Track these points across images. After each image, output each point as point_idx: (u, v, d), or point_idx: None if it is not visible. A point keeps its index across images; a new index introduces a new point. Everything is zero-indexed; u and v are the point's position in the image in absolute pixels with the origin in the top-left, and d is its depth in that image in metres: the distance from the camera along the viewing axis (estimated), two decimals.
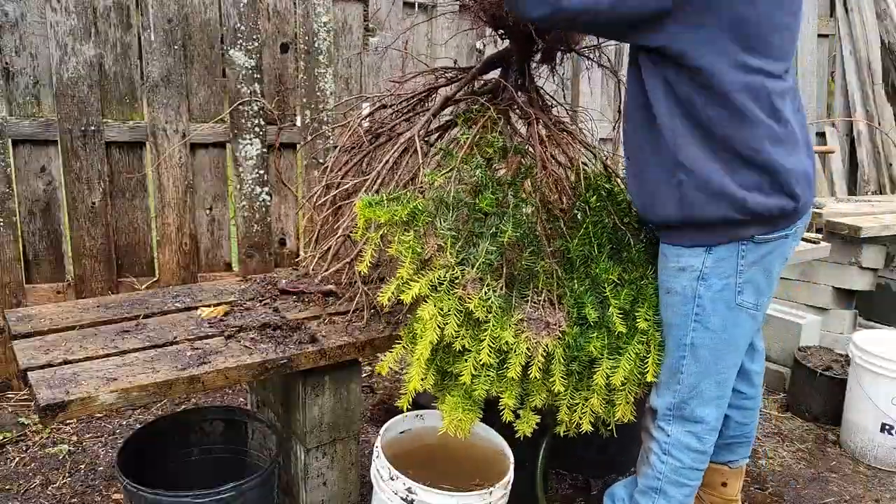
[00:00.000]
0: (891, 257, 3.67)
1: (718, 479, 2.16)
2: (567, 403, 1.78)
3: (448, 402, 1.77)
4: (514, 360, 1.65)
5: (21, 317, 2.01)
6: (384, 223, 1.70)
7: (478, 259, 1.68)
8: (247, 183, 3.08)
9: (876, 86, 4.79)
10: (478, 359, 1.66)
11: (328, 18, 3.15)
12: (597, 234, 1.87)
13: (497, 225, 1.74)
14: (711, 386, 1.81)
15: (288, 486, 2.18)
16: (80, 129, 2.79)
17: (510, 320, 1.67)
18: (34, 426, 2.66)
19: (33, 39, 2.72)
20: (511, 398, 1.71)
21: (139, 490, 1.77)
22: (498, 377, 1.70)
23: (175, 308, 2.13)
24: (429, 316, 1.63)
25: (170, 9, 2.86)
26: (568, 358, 1.74)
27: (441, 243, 1.69)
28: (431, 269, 1.68)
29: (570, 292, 1.79)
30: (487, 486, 1.80)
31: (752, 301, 1.75)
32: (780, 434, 3.02)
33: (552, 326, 1.68)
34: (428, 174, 1.84)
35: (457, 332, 1.65)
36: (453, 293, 1.65)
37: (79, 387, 1.63)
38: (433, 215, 1.73)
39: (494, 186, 1.81)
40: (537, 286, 1.76)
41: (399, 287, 1.67)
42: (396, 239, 1.69)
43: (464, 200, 1.77)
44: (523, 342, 1.65)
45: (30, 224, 2.83)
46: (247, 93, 3.02)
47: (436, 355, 1.74)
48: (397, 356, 1.78)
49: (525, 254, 1.79)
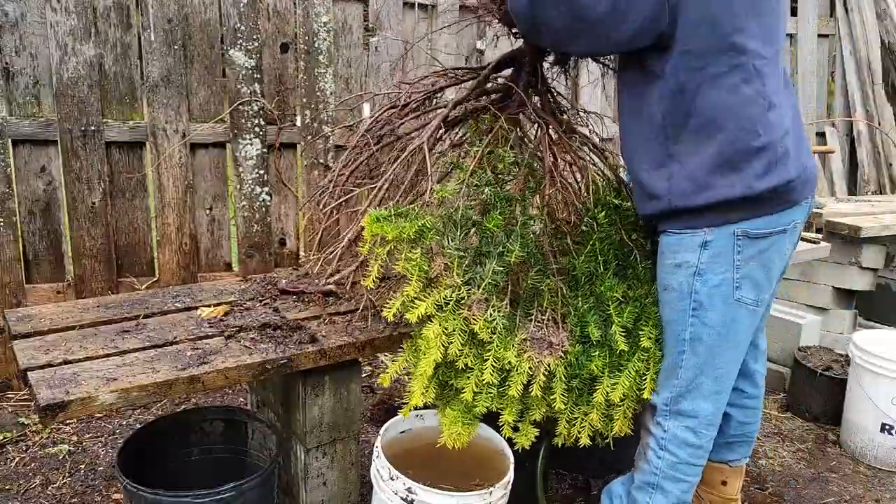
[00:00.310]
0: (891, 257, 3.67)
1: (718, 478, 2.16)
2: (566, 418, 1.78)
3: (448, 415, 1.78)
4: (516, 378, 1.66)
5: (21, 317, 2.01)
6: (391, 240, 1.69)
7: (484, 279, 1.68)
8: (247, 183, 3.08)
9: (876, 86, 4.79)
10: (480, 377, 1.67)
11: (328, 18, 3.15)
12: (603, 250, 1.86)
13: (504, 244, 1.74)
14: (709, 381, 1.81)
15: (288, 486, 2.18)
16: (80, 129, 2.79)
17: (513, 340, 1.68)
18: (34, 426, 2.66)
19: (33, 39, 2.72)
20: (511, 415, 1.73)
21: (139, 490, 1.77)
22: (499, 394, 1.71)
23: (175, 308, 2.13)
24: (433, 335, 1.64)
25: (170, 9, 2.86)
26: (569, 376, 1.74)
27: (448, 262, 1.69)
28: (438, 289, 1.68)
29: (574, 311, 1.79)
30: (487, 486, 1.80)
31: (751, 297, 1.75)
32: (780, 434, 3.02)
33: (555, 346, 1.68)
34: (437, 190, 1.83)
35: (460, 351, 1.67)
36: (458, 313, 1.66)
37: (79, 387, 1.63)
38: (441, 233, 1.73)
39: (503, 205, 1.80)
40: (542, 305, 1.77)
41: (405, 305, 1.67)
42: (404, 256, 1.69)
43: (472, 219, 1.77)
44: (526, 362, 1.66)
45: (30, 224, 2.83)
46: (247, 93, 3.02)
47: (438, 370, 1.75)
48: (400, 368, 1.78)
49: (531, 273, 1.79)
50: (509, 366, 1.66)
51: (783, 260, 1.81)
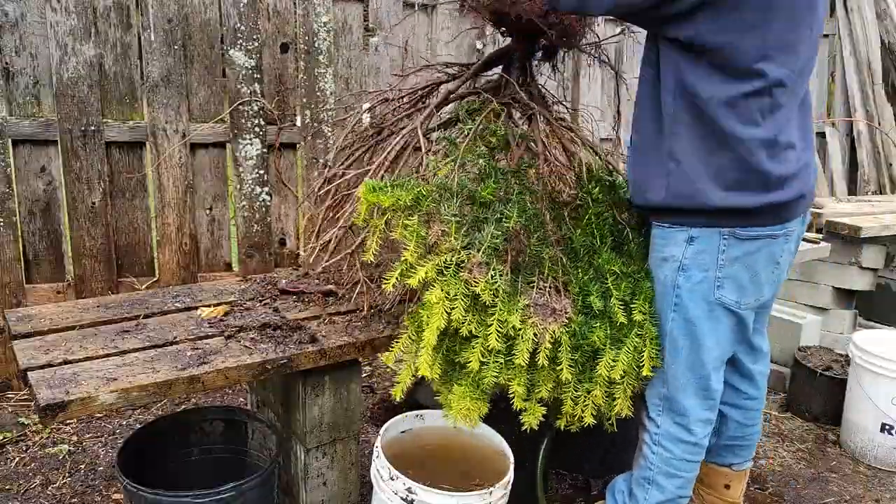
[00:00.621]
0: (891, 257, 3.67)
1: (721, 482, 2.15)
2: (571, 395, 1.78)
3: (456, 391, 1.76)
4: (522, 346, 1.65)
5: (21, 317, 2.01)
6: (388, 208, 1.69)
7: (483, 243, 1.68)
8: (247, 183, 3.08)
9: (876, 86, 4.79)
10: (485, 344, 1.66)
11: (328, 18, 3.15)
12: (599, 225, 1.88)
13: (502, 211, 1.74)
14: (694, 378, 1.81)
15: (288, 486, 2.18)
16: (80, 129, 2.79)
17: (517, 305, 1.67)
18: (34, 426, 2.66)
19: (33, 39, 2.72)
20: (520, 385, 1.70)
21: (139, 490, 1.77)
22: (506, 364, 1.70)
23: (175, 308, 2.13)
24: (436, 300, 1.62)
25: (170, 9, 2.86)
26: (573, 346, 1.73)
27: (445, 228, 1.69)
28: (437, 254, 1.67)
29: (575, 280, 1.79)
30: (487, 486, 1.80)
31: (732, 298, 1.74)
32: (780, 434, 3.02)
33: (558, 313, 1.68)
34: (431, 161, 1.84)
35: (464, 317, 1.65)
36: (459, 277, 1.65)
37: (79, 387, 1.63)
38: (437, 201, 1.73)
39: (498, 175, 1.81)
40: (543, 272, 1.76)
41: (404, 272, 1.66)
42: (401, 223, 1.69)
43: (467, 187, 1.77)
44: (530, 328, 1.65)
45: (30, 224, 2.83)
46: (247, 93, 3.02)
47: (442, 343, 1.73)
48: (403, 346, 1.78)
49: (532, 240, 1.79)
50: (514, 332, 1.65)
51: (775, 266, 1.79)
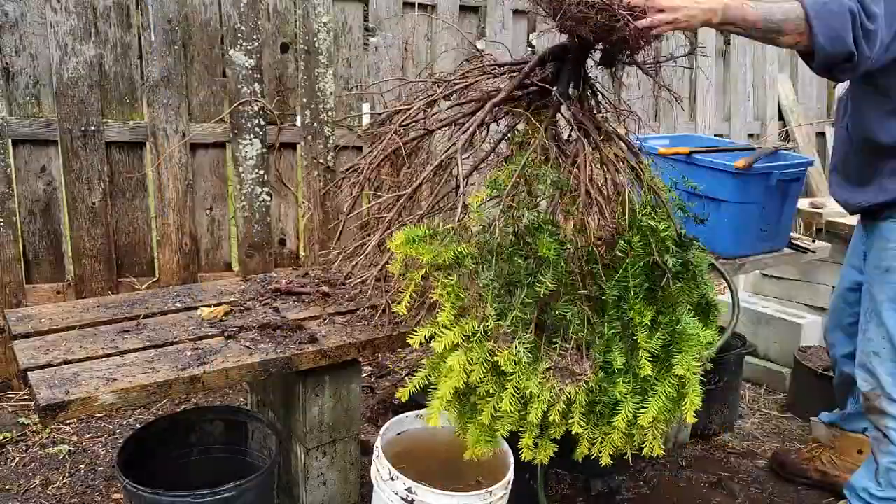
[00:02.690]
0: None
1: (855, 447, 2.33)
2: (587, 437, 1.76)
3: (472, 434, 1.78)
4: (537, 405, 1.64)
5: (21, 317, 2.01)
6: (426, 264, 1.68)
7: (512, 311, 1.66)
8: (247, 183, 3.08)
9: None
10: (498, 405, 1.66)
11: (328, 18, 3.15)
12: (635, 273, 1.79)
13: (535, 273, 1.70)
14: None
15: (288, 486, 2.18)
16: (80, 129, 2.79)
17: (537, 369, 1.66)
18: (34, 426, 2.66)
19: (33, 39, 2.72)
20: (530, 439, 1.72)
21: (139, 490, 1.77)
22: (519, 418, 1.70)
23: (175, 308, 2.13)
24: (458, 365, 1.64)
25: (170, 9, 2.86)
26: (590, 402, 1.72)
27: (483, 293, 1.67)
28: (467, 319, 1.67)
29: (599, 338, 1.75)
30: (487, 486, 1.80)
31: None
32: (780, 434, 3.02)
33: (578, 376, 1.67)
34: (475, 211, 1.77)
35: (482, 379, 1.66)
36: (483, 346, 1.65)
37: (79, 387, 1.63)
38: (477, 261, 1.70)
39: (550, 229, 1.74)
40: (567, 334, 1.74)
41: (436, 334, 1.66)
42: (440, 283, 1.68)
43: (509, 250, 1.72)
44: (547, 391, 1.64)
45: (30, 224, 2.83)
46: (247, 93, 3.02)
47: (457, 393, 1.73)
48: (420, 383, 1.75)
49: (559, 302, 1.74)
50: (530, 396, 1.65)
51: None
